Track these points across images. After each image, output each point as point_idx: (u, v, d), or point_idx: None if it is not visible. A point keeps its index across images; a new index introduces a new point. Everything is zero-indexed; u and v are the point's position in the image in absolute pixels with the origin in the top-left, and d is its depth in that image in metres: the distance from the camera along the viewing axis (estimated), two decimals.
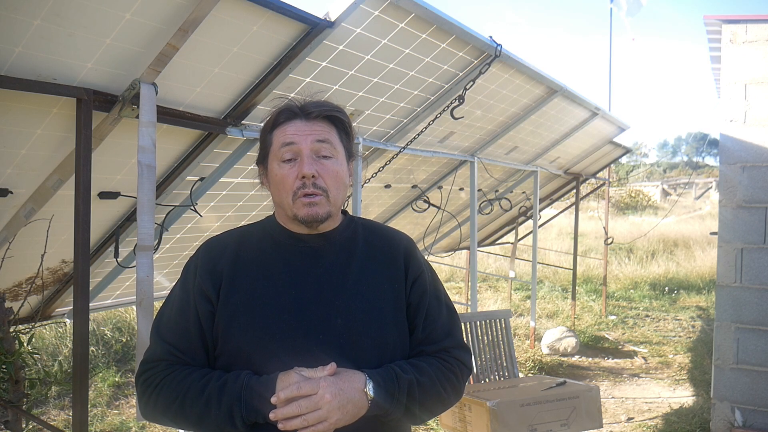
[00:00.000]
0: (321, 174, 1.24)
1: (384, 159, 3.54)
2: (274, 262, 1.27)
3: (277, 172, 1.26)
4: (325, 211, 1.25)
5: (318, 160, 1.25)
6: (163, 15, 1.78)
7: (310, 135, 1.25)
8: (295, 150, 1.24)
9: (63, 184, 2.17)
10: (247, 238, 1.33)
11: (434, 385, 1.25)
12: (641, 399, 5.07)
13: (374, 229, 1.39)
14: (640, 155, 45.96)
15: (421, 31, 2.56)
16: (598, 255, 11.98)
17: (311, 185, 1.23)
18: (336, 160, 1.27)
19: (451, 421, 3.32)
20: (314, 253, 1.28)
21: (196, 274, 1.26)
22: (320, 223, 1.26)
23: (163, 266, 3.24)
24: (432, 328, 1.31)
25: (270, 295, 1.23)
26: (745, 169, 3.47)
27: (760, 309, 3.43)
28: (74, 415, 1.93)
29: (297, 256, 1.28)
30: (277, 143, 1.27)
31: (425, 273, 1.36)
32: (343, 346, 1.21)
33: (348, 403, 1.13)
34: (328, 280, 1.26)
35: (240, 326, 1.21)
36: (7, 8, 1.52)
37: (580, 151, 6.20)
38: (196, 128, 2.34)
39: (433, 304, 1.34)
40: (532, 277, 6.21)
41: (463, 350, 1.35)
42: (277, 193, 1.28)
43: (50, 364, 5.13)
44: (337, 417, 1.12)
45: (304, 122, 1.26)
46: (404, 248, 1.36)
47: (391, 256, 1.33)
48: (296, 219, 1.25)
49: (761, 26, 3.44)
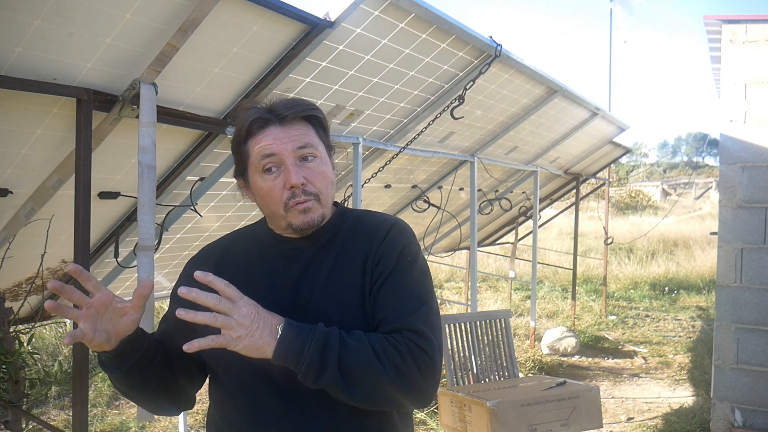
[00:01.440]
0: (308, 179, 1.19)
1: (384, 159, 3.54)
2: (256, 267, 1.25)
3: (262, 185, 1.20)
4: (318, 214, 1.21)
5: (302, 165, 1.19)
6: (163, 15, 1.78)
7: (289, 142, 1.18)
8: (276, 160, 1.18)
9: (63, 184, 2.17)
10: (235, 243, 1.31)
11: (364, 350, 1.09)
12: (641, 399, 5.07)
13: (363, 218, 1.31)
14: (640, 155, 45.97)
15: (421, 31, 2.56)
16: (598, 255, 11.98)
17: (301, 193, 1.18)
18: (320, 160, 1.22)
19: (451, 421, 3.32)
20: (296, 252, 1.25)
21: (179, 282, 1.27)
22: (316, 228, 1.22)
23: (164, 266, 3.24)
24: (390, 307, 1.17)
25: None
26: (745, 169, 3.47)
27: (760, 309, 3.44)
28: (74, 415, 1.93)
29: (278, 258, 1.25)
30: (255, 155, 1.20)
31: (396, 251, 1.21)
32: None
33: (257, 329, 1.06)
34: (304, 278, 1.21)
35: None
36: (7, 8, 1.52)
37: (580, 151, 6.20)
38: (196, 128, 2.34)
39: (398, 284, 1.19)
40: (532, 277, 6.21)
41: (421, 336, 1.13)
42: (265, 206, 1.23)
43: (50, 364, 5.13)
44: (240, 333, 1.04)
45: (279, 128, 1.19)
46: (384, 231, 1.24)
47: (369, 244, 1.22)
48: (291, 227, 1.21)
49: (761, 26, 3.44)
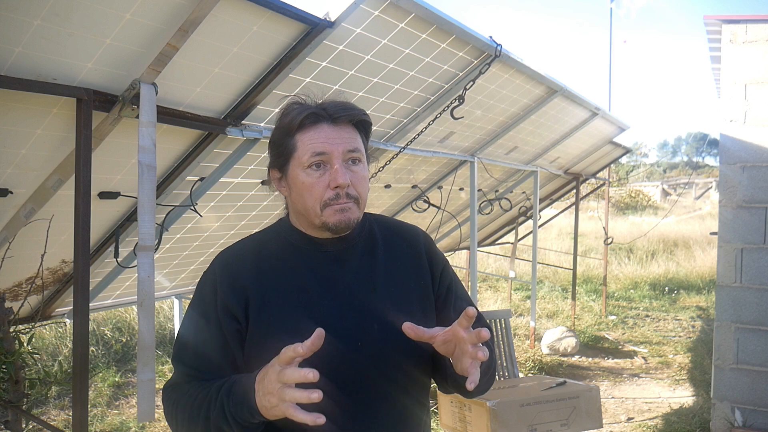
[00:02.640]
0: (353, 182, 1.19)
1: (384, 159, 3.54)
2: (301, 272, 1.23)
3: (304, 179, 1.19)
4: (355, 217, 1.21)
5: (349, 168, 1.20)
6: (163, 15, 1.78)
7: (341, 144, 1.19)
8: (326, 159, 1.18)
9: (63, 184, 2.17)
10: (266, 248, 1.26)
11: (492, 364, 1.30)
12: (641, 399, 5.07)
13: (390, 226, 1.37)
14: (640, 155, 45.93)
15: (421, 31, 2.56)
16: (598, 255, 11.98)
17: (345, 195, 1.18)
18: (363, 166, 1.23)
19: (451, 421, 3.32)
20: (338, 259, 1.25)
21: (217, 292, 1.19)
22: (350, 229, 1.22)
23: (163, 266, 3.24)
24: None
25: (304, 306, 1.19)
26: (745, 169, 3.47)
27: (760, 309, 3.44)
28: (74, 415, 1.93)
29: (322, 264, 1.24)
30: (303, 149, 1.19)
31: (447, 264, 1.37)
32: (381, 350, 1.19)
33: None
34: (356, 285, 1.23)
35: (277, 342, 1.11)
36: (7, 8, 1.52)
37: (580, 151, 6.20)
38: (196, 128, 2.34)
39: (458, 291, 1.36)
40: (532, 277, 6.21)
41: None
42: (301, 201, 1.21)
43: (50, 364, 5.13)
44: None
45: (332, 128, 1.20)
46: (424, 244, 1.35)
47: (413, 254, 1.32)
48: (325, 227, 1.20)
49: (761, 26, 3.44)
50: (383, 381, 1.20)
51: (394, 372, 1.21)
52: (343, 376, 1.16)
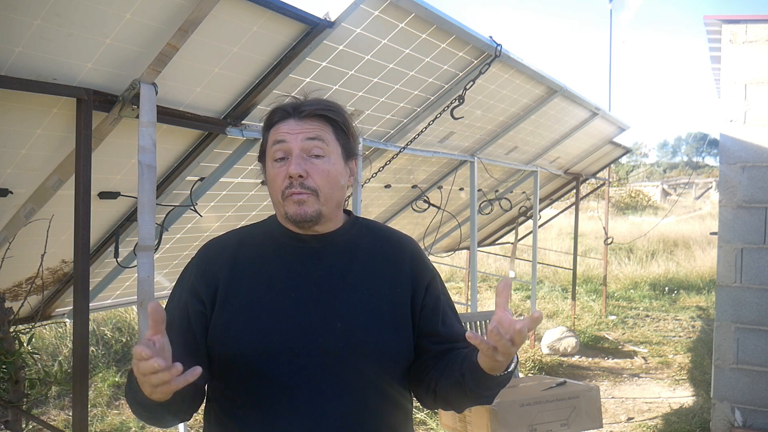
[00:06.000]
0: (310, 173, 1.21)
1: (384, 159, 3.54)
2: (273, 265, 1.26)
3: (270, 171, 1.25)
4: (313, 209, 1.21)
5: (308, 160, 1.22)
6: (163, 15, 1.78)
7: (300, 133, 1.23)
8: (285, 149, 1.23)
9: (63, 184, 2.17)
10: (248, 239, 1.31)
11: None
12: (641, 399, 5.07)
13: (379, 231, 1.37)
14: (640, 155, 45.88)
15: (421, 31, 2.56)
16: (598, 255, 11.97)
17: (298, 185, 1.21)
18: (328, 159, 1.24)
19: (451, 421, 3.32)
20: (315, 255, 1.26)
21: (191, 275, 1.26)
22: (311, 222, 1.23)
23: (163, 266, 3.24)
24: (452, 329, 1.32)
25: (269, 297, 1.22)
26: (745, 169, 3.47)
27: (760, 309, 3.43)
28: (74, 415, 1.93)
29: (297, 258, 1.26)
30: (271, 142, 1.26)
31: (437, 277, 1.35)
32: (343, 349, 1.20)
33: None
34: (328, 282, 1.24)
35: (239, 330, 1.19)
36: (7, 8, 1.52)
37: (580, 151, 6.20)
38: (196, 128, 2.34)
39: (448, 307, 1.35)
40: (532, 277, 6.21)
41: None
42: (271, 192, 1.27)
43: (50, 364, 5.13)
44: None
45: (296, 121, 1.24)
46: (410, 253, 1.34)
47: (395, 260, 1.31)
48: (287, 217, 1.24)
49: (761, 26, 3.44)
50: (334, 381, 1.19)
51: (351, 373, 1.19)
52: (295, 368, 1.18)
